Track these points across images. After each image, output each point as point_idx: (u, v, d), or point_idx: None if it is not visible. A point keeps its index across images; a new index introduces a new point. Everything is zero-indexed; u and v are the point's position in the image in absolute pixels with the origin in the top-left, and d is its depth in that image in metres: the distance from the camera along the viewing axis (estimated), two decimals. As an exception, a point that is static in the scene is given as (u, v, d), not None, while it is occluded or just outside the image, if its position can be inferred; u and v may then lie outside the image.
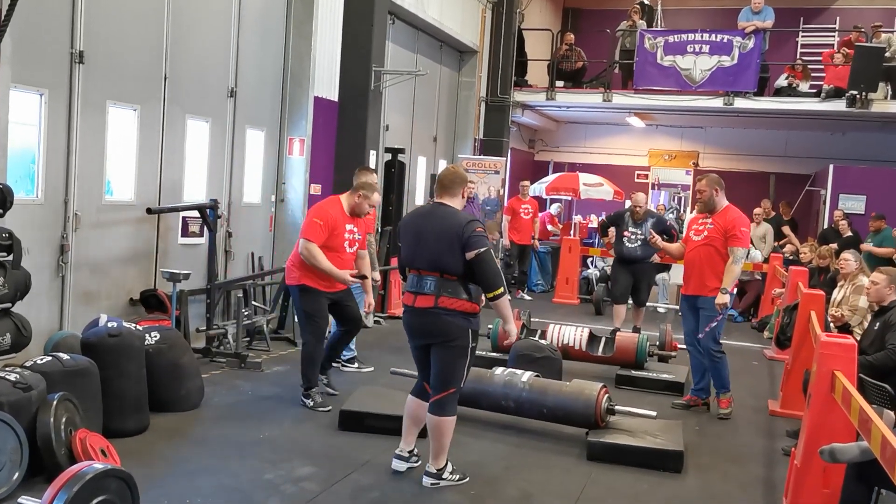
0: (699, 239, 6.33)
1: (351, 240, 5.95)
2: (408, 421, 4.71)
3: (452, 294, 4.37)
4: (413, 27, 11.76)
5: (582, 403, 5.32)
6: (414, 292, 4.48)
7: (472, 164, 13.01)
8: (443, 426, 4.45)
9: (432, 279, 4.41)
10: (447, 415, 4.45)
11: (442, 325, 4.39)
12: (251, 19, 8.30)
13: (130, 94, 6.77)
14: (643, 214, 8.97)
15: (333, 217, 5.83)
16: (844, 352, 4.12)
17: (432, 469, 4.51)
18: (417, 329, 4.53)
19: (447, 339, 4.41)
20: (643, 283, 9.26)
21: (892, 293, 5.43)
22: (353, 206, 5.95)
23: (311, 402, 5.85)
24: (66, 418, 4.31)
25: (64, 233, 6.20)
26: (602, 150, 17.86)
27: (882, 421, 3.30)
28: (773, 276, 10.89)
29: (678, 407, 6.53)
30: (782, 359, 7.79)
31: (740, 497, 4.80)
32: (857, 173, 13.86)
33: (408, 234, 4.58)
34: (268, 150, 8.80)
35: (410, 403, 4.68)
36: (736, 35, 13.07)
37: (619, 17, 14.90)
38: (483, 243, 4.37)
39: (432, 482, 4.49)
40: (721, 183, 6.35)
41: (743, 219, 6.34)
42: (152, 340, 5.55)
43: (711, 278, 6.21)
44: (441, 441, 4.48)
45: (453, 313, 4.37)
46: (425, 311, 4.41)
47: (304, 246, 5.74)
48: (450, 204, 4.56)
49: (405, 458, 4.71)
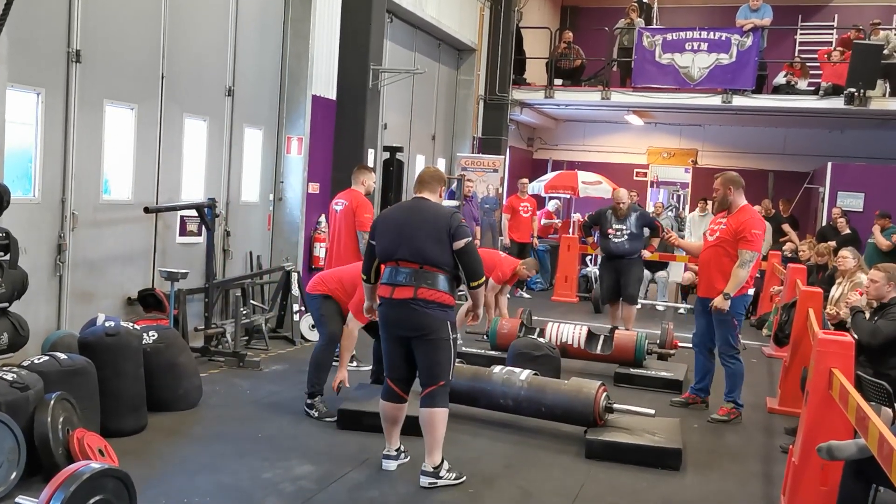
0: (712, 239, 6.19)
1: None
2: (386, 424, 4.70)
3: (431, 286, 4.40)
4: (411, 25, 11.76)
5: (581, 402, 5.32)
6: (391, 284, 4.48)
7: (470, 163, 13.01)
8: (435, 418, 4.46)
9: (410, 270, 4.42)
10: (438, 406, 4.46)
11: (420, 318, 4.41)
12: (249, 18, 8.30)
13: (128, 93, 6.76)
14: (626, 210, 8.83)
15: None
16: (842, 349, 4.12)
17: (429, 467, 4.49)
18: (395, 321, 4.51)
19: (426, 332, 4.42)
20: (629, 279, 8.90)
21: (891, 290, 5.42)
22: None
23: (316, 412, 5.60)
24: (63, 418, 4.30)
25: (61, 232, 6.20)
26: (601, 148, 17.86)
27: (879, 418, 3.30)
28: (772, 273, 10.89)
29: (676, 405, 6.53)
30: (781, 356, 7.79)
31: (738, 494, 4.80)
32: (856, 171, 13.86)
33: (388, 227, 4.56)
34: (266, 148, 8.79)
35: (384, 407, 4.66)
36: (734, 33, 13.07)
37: (617, 14, 14.90)
38: (468, 233, 4.50)
39: (430, 482, 4.46)
40: (736, 182, 6.14)
41: (756, 221, 6.08)
42: (150, 340, 5.54)
43: (719, 280, 6.04)
44: (434, 434, 4.47)
45: (432, 305, 4.40)
46: (404, 302, 4.42)
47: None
48: (429, 199, 4.64)
49: (394, 457, 4.73)
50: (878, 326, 5.21)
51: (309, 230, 9.14)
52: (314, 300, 5.79)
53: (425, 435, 4.50)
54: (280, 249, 8.92)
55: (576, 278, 12.78)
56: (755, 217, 6.14)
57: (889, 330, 5.16)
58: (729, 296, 5.95)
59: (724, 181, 6.17)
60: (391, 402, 4.63)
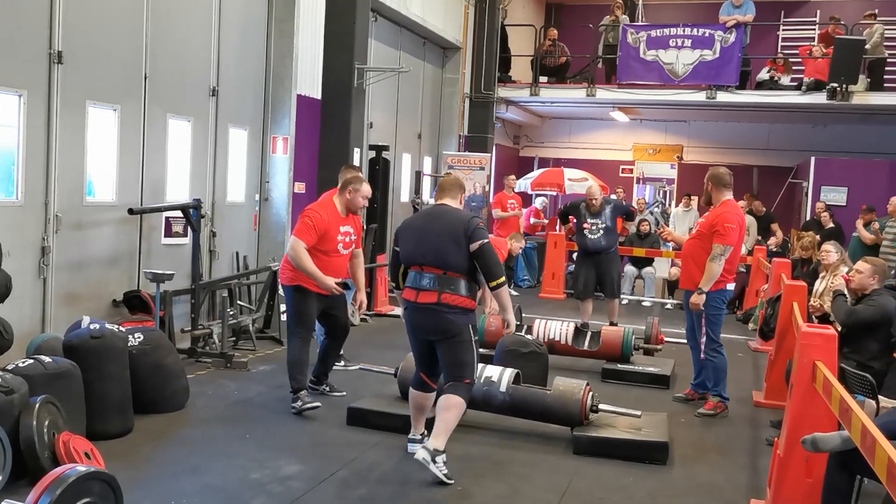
0: (694, 232, 6.31)
1: (346, 241, 5.84)
2: (413, 411, 4.92)
3: (454, 291, 4.58)
4: (396, 24, 11.75)
5: (565, 410, 5.26)
6: (415, 288, 4.64)
7: (456, 161, 13.01)
8: (451, 403, 4.58)
9: (434, 276, 4.58)
10: (458, 395, 4.59)
11: (444, 323, 4.59)
12: (232, 17, 8.27)
13: (110, 93, 6.72)
14: (600, 205, 8.79)
15: (326, 220, 5.69)
16: (825, 342, 4.15)
17: (430, 447, 4.50)
18: (419, 325, 4.71)
19: (449, 335, 4.60)
20: (609, 275, 8.89)
21: (874, 283, 5.49)
22: (346, 203, 5.83)
23: (300, 402, 5.67)
24: (48, 421, 4.28)
25: (45, 234, 6.16)
26: (587, 145, 17.91)
27: (862, 410, 3.33)
28: (758, 268, 10.96)
29: (679, 401, 6.53)
30: (766, 350, 7.85)
31: (725, 487, 4.84)
32: (839, 165, 13.97)
33: (410, 234, 4.77)
34: (251, 148, 8.77)
35: (413, 395, 4.90)
36: (717, 29, 13.14)
37: (601, 12, 14.94)
38: (485, 235, 4.64)
39: (424, 458, 4.46)
40: (717, 178, 6.13)
41: (732, 214, 6.03)
42: (136, 342, 5.51)
43: (696, 273, 6.13)
44: (445, 418, 4.56)
45: (454, 310, 4.58)
46: (428, 307, 4.60)
47: (293, 245, 5.64)
48: (450, 205, 4.80)
49: (418, 441, 4.87)
50: (856, 309, 5.34)
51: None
52: (286, 291, 5.89)
53: (437, 417, 4.61)
54: (266, 249, 8.91)
55: (563, 275, 12.80)
56: (730, 211, 6.06)
57: (866, 314, 5.28)
58: (702, 290, 5.97)
59: (708, 177, 6.25)
60: (420, 390, 4.86)
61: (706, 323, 6.17)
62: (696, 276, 6.14)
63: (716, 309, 6.15)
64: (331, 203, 5.85)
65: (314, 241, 5.64)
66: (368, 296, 9.75)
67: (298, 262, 5.61)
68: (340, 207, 5.83)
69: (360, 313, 9.19)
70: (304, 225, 5.65)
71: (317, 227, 5.64)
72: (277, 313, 8.22)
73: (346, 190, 5.83)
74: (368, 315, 9.64)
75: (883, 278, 5.53)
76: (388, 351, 7.68)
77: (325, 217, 5.70)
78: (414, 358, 4.94)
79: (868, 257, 6.00)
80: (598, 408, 5.36)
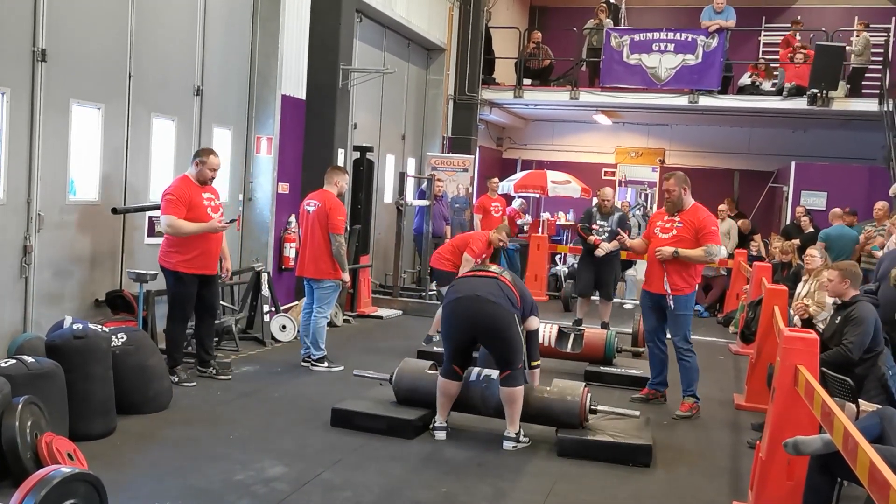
0: (667, 237, 6.29)
1: (213, 206, 6.38)
2: (442, 398, 5.37)
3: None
4: (380, 25, 11.74)
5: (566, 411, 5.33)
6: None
7: (440, 162, 13.02)
8: (514, 395, 5.19)
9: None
10: (516, 385, 5.19)
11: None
12: (217, 17, 8.23)
13: (94, 92, 6.67)
14: (611, 207, 9.26)
15: (187, 192, 6.19)
16: (807, 346, 4.20)
17: (511, 433, 5.24)
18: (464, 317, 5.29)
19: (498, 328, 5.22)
20: (608, 276, 9.32)
21: (848, 288, 5.51)
22: (197, 175, 6.34)
23: (177, 377, 6.22)
24: (31, 422, 4.24)
25: (27, 234, 6.10)
26: (570, 147, 17.98)
27: (844, 414, 3.38)
28: (739, 271, 11.05)
29: (637, 401, 6.57)
30: (747, 353, 7.92)
31: (707, 489, 4.88)
32: (819, 170, 14.13)
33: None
34: (235, 148, 8.73)
35: (442, 384, 5.34)
36: (700, 34, 13.24)
37: (585, 15, 15.01)
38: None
39: (512, 445, 5.23)
40: (688, 181, 6.39)
41: (713, 217, 6.57)
42: (119, 342, 5.48)
43: (676, 278, 6.22)
44: (513, 408, 5.21)
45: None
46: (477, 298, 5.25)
47: (167, 223, 6.11)
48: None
49: (444, 428, 5.37)
50: (850, 347, 5.17)
51: (279, 230, 9.10)
52: (167, 275, 6.35)
53: (506, 409, 5.23)
54: (250, 250, 8.87)
55: (545, 277, 12.85)
56: (711, 214, 6.54)
57: (862, 341, 5.17)
58: (678, 253, 6.17)
59: (679, 181, 6.33)
60: (451, 379, 5.33)
61: (683, 325, 6.30)
62: (677, 281, 6.21)
63: (688, 311, 6.36)
64: (185, 179, 6.36)
65: (184, 213, 6.14)
66: (351, 297, 9.77)
67: (181, 230, 6.12)
68: (195, 179, 6.34)
69: (341, 314, 9.24)
70: (170, 202, 6.14)
71: (181, 200, 6.14)
72: (260, 314, 8.20)
73: (194, 162, 6.37)
74: (351, 316, 9.63)
75: (855, 281, 5.53)
76: (372, 353, 7.69)
77: (185, 190, 6.21)
78: (448, 351, 5.35)
79: (835, 263, 6.12)
80: (595, 409, 5.41)
